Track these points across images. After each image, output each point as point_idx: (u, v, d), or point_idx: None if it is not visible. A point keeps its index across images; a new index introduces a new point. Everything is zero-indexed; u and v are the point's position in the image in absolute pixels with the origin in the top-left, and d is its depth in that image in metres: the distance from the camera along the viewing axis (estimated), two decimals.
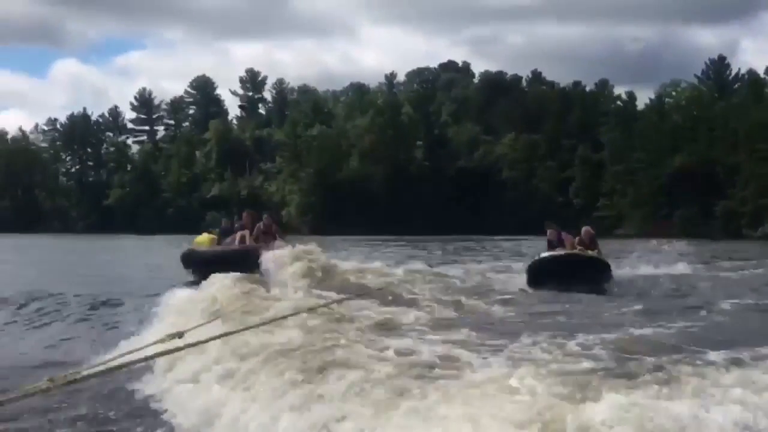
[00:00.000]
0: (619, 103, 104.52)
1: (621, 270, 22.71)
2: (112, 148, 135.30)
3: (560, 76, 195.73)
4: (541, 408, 5.95)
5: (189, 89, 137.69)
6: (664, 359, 8.38)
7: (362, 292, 13.30)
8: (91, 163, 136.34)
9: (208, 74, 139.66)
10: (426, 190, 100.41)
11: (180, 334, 6.63)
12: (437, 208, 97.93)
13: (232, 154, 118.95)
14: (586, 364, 8.34)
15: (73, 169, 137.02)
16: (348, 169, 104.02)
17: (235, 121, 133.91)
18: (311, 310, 10.59)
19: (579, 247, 20.57)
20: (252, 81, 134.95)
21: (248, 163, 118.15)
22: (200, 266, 21.12)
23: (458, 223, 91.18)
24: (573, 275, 18.00)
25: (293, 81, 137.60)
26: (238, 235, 22.87)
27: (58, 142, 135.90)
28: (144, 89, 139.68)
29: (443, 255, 38.08)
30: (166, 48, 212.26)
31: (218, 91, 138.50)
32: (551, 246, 21.17)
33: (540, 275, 19.25)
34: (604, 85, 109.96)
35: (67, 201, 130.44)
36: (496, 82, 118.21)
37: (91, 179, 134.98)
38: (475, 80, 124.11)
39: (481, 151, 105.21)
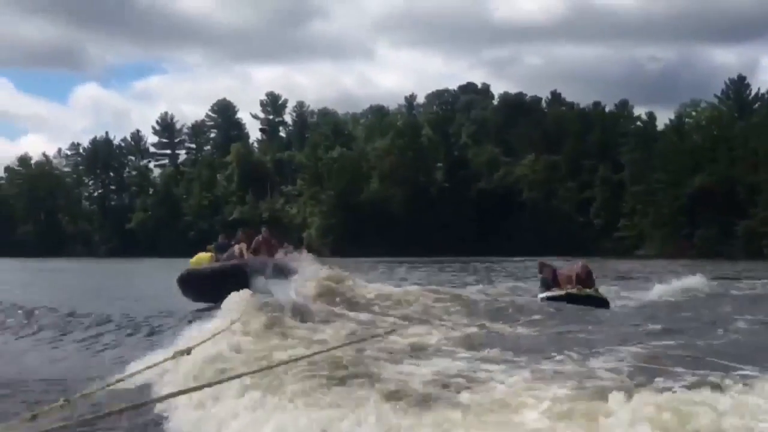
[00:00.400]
0: (639, 123, 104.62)
1: (639, 290, 22.96)
2: (134, 172, 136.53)
3: (579, 96, 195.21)
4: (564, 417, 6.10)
5: (210, 113, 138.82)
6: (685, 371, 8.70)
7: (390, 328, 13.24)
8: (113, 187, 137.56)
9: (227, 97, 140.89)
10: (446, 211, 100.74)
11: (188, 351, 6.78)
12: (457, 229, 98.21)
13: (253, 176, 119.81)
14: (608, 376, 8.55)
15: (95, 193, 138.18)
16: (368, 190, 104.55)
17: (255, 144, 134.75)
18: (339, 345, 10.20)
19: (577, 286, 19.93)
20: (273, 104, 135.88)
21: (269, 186, 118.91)
22: (194, 286, 21.48)
23: (478, 244, 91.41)
24: None
25: (312, 103, 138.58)
26: (235, 248, 22.85)
27: (80, 167, 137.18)
28: (166, 113, 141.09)
29: (465, 275, 38.24)
30: (185, 72, 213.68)
31: (239, 115, 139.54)
32: (546, 285, 20.86)
33: None
34: (624, 106, 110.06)
35: (89, 225, 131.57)
36: (515, 104, 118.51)
37: (113, 203, 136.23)
38: (495, 102, 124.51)
39: (501, 172, 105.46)
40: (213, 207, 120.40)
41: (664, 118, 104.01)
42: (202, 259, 23.18)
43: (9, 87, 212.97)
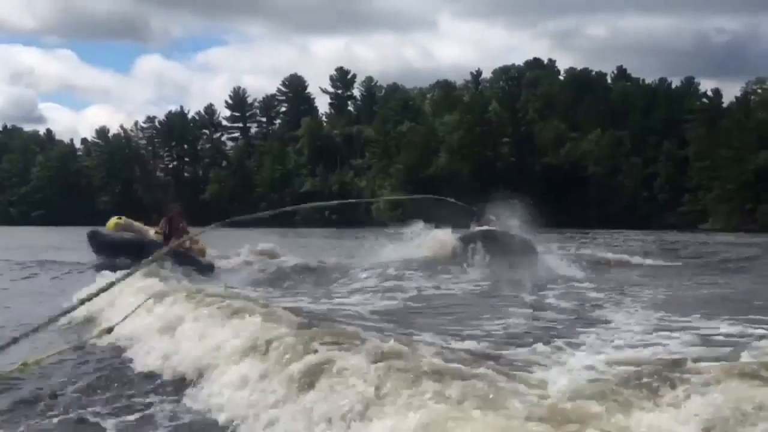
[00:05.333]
0: (704, 100, 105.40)
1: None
2: (207, 145, 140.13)
3: (643, 68, 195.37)
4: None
5: (281, 87, 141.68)
6: None
7: None
8: (187, 159, 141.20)
9: (288, 68, 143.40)
10: (512, 185, 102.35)
11: (110, 329, 7.10)
12: (523, 202, 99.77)
13: (323, 150, 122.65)
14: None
15: (170, 165, 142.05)
16: (436, 165, 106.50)
17: (324, 118, 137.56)
18: None
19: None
20: (342, 79, 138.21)
21: (338, 159, 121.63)
22: (96, 245, 23.30)
23: (544, 218, 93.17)
24: None
25: (373, 75, 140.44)
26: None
27: (156, 139, 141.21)
28: (238, 88, 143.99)
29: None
30: (246, 43, 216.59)
31: (309, 90, 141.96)
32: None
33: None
34: (689, 83, 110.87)
35: (165, 196, 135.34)
36: (581, 79, 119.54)
37: (186, 175, 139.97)
38: (561, 77, 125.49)
39: (567, 147, 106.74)
40: (284, 179, 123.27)
41: (730, 91, 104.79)
42: (110, 225, 23.90)
43: (73, 58, 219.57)
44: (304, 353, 7.30)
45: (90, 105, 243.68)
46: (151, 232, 23.05)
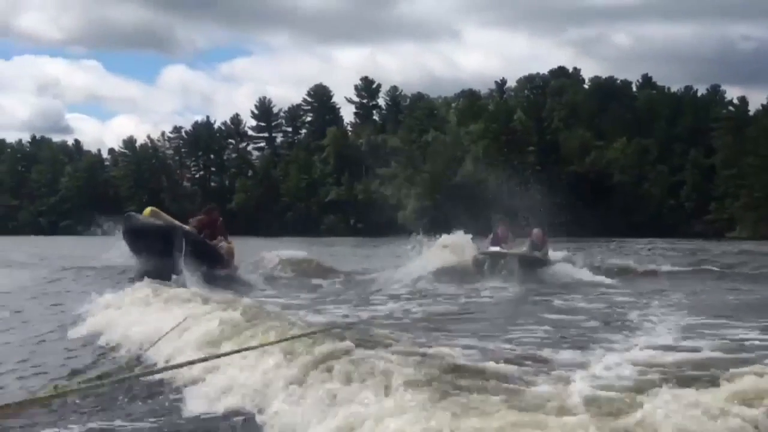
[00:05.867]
0: (730, 108, 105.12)
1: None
2: (234, 155, 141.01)
3: (668, 76, 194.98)
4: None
5: (306, 97, 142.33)
6: None
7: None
8: (213, 169, 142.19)
9: (312, 78, 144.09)
10: (538, 194, 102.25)
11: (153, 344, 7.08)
12: (548, 211, 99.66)
13: (349, 159, 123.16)
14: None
15: (197, 175, 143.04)
16: (462, 173, 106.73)
17: (349, 127, 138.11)
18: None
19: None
20: (367, 88, 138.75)
21: (364, 168, 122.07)
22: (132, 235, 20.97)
23: (570, 226, 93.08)
24: None
25: (397, 84, 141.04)
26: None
27: (183, 149, 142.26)
28: (264, 98, 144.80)
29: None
30: (270, 53, 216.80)
31: (334, 99, 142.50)
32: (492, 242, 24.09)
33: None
34: (715, 90, 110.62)
35: (191, 205, 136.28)
36: (606, 87, 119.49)
37: (213, 184, 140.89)
38: (585, 85, 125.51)
39: (592, 156, 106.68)
40: (310, 189, 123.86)
41: (756, 99, 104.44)
42: (146, 212, 22.07)
43: (99, 69, 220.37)
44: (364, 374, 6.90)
45: (116, 115, 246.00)
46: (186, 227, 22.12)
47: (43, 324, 13.79)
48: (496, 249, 22.98)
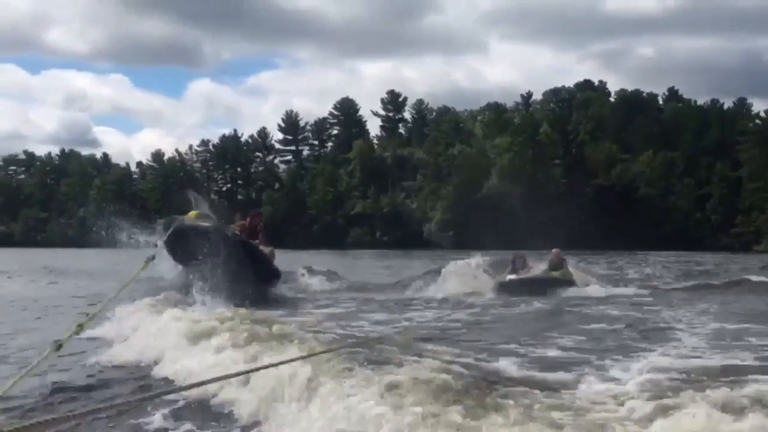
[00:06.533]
0: (757, 121, 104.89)
1: None
2: (261, 168, 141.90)
3: (694, 88, 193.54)
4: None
5: (333, 111, 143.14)
6: None
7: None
8: (240, 182, 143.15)
9: (337, 91, 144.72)
10: (564, 207, 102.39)
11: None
12: (575, 224, 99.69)
13: (375, 172, 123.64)
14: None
15: (224, 188, 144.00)
16: (488, 186, 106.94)
17: (375, 140, 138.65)
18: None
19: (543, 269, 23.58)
20: (393, 101, 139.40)
21: (390, 181, 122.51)
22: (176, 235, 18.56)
23: (596, 240, 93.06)
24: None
25: (422, 97, 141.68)
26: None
27: (210, 162, 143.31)
28: (291, 111, 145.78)
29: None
30: (296, 67, 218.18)
31: (360, 113, 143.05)
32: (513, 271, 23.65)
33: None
34: (742, 104, 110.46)
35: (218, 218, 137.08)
36: (632, 100, 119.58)
37: (240, 197, 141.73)
38: (611, 98, 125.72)
39: (618, 169, 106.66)
40: (336, 201, 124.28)
41: None
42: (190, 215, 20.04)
43: (126, 83, 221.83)
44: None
45: (142, 128, 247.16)
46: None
47: None
48: (514, 277, 22.93)
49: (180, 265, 19.78)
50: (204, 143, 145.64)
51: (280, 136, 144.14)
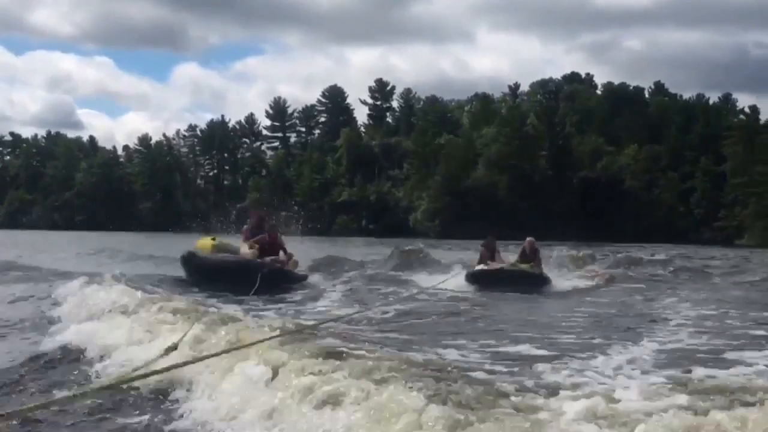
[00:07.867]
0: (741, 116, 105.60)
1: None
2: (248, 154, 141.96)
3: (681, 82, 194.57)
4: None
5: (321, 98, 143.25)
6: None
7: None
8: (227, 168, 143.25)
9: (324, 78, 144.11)
10: (549, 198, 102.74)
11: (174, 346, 6.68)
12: (560, 215, 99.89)
13: (362, 160, 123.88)
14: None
15: (210, 173, 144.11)
16: (474, 176, 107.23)
17: (362, 129, 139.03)
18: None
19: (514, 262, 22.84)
20: (380, 90, 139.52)
21: (377, 170, 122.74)
22: (197, 271, 18.96)
23: (580, 231, 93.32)
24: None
25: (409, 85, 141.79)
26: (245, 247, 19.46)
27: (197, 147, 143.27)
28: (279, 98, 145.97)
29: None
30: (283, 53, 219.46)
31: (348, 101, 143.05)
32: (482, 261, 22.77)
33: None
34: (727, 99, 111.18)
35: (204, 203, 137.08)
36: (618, 93, 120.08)
37: (226, 183, 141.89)
38: (598, 91, 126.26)
39: (604, 161, 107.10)
40: (322, 189, 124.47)
41: (767, 108, 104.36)
42: (206, 246, 19.43)
43: (111, 66, 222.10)
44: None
45: (126, 112, 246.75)
46: (245, 248, 19.37)
47: None
48: (481, 267, 22.19)
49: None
50: (191, 128, 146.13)
51: (267, 122, 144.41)
